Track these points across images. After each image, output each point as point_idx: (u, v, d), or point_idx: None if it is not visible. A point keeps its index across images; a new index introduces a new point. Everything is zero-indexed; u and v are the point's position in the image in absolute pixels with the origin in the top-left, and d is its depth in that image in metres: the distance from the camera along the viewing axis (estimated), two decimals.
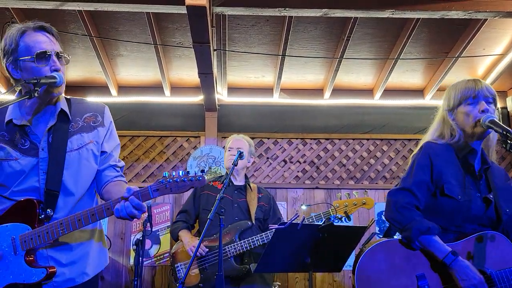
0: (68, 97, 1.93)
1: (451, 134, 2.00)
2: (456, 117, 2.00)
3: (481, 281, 1.76)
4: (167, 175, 1.64)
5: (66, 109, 1.84)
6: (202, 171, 1.67)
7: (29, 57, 1.71)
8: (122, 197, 1.64)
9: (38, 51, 1.71)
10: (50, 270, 1.68)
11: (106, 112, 1.95)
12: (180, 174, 1.65)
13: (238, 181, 3.36)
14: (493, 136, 2.03)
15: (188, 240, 3.13)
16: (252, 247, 3.05)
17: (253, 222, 3.18)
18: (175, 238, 3.34)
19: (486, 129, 1.92)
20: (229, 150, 3.35)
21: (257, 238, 3.06)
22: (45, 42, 1.74)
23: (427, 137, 2.10)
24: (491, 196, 1.94)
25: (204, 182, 1.66)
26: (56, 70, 1.73)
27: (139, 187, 1.65)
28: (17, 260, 1.68)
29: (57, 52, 1.76)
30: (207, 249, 3.07)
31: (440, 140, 2.03)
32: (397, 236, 2.00)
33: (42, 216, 1.70)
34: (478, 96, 1.95)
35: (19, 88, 1.79)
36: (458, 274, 1.78)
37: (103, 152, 1.89)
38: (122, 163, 1.97)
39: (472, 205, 1.92)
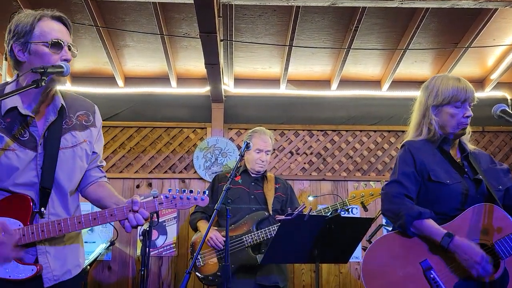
0: (63, 90, 1.93)
1: (428, 130, 2.09)
2: (439, 114, 2.07)
3: (483, 256, 1.78)
4: (171, 192, 1.82)
5: (65, 104, 1.86)
6: (204, 192, 1.87)
7: (44, 42, 1.71)
8: (131, 209, 1.73)
9: (54, 39, 1.72)
10: (38, 267, 1.68)
11: (97, 112, 1.99)
12: (185, 192, 1.84)
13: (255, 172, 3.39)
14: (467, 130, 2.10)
15: None
16: (269, 237, 3.07)
17: (270, 213, 3.20)
18: (194, 228, 3.41)
19: (463, 132, 2.03)
20: (258, 152, 3.31)
21: (274, 228, 3.08)
22: (60, 31, 1.77)
23: (408, 134, 2.22)
24: (480, 176, 1.99)
25: (207, 202, 1.87)
26: (66, 61, 1.74)
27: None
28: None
29: (69, 44, 1.78)
30: (223, 240, 3.11)
31: (418, 138, 2.13)
32: None
33: (36, 214, 1.70)
34: (467, 101, 2.02)
35: (17, 73, 1.78)
36: (459, 255, 1.81)
37: (93, 153, 1.93)
38: (104, 163, 2.04)
39: (463, 186, 1.96)
